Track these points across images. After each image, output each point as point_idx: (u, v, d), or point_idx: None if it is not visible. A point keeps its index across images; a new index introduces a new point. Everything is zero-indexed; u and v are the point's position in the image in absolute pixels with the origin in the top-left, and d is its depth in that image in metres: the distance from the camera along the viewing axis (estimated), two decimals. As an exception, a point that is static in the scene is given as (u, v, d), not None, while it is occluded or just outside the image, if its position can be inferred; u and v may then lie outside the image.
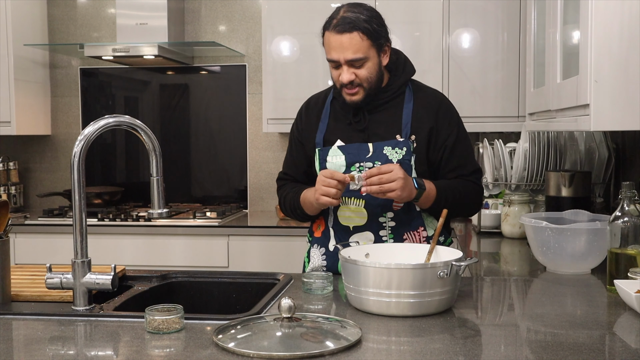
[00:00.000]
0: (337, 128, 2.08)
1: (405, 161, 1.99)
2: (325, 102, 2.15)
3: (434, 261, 1.71)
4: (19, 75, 3.76)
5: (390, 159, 1.98)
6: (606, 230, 1.82)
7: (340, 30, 1.94)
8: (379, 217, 2.01)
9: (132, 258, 3.35)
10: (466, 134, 2.11)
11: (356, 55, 1.94)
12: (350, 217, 2.03)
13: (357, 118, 2.05)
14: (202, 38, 3.97)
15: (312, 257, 2.15)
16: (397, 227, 2.01)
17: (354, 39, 1.94)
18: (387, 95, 2.05)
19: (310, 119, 2.15)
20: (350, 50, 1.94)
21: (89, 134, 1.61)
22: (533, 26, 2.52)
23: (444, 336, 1.42)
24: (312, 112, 2.16)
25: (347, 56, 1.95)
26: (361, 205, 2.01)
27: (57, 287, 1.62)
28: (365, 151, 2.01)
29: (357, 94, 2.00)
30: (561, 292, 1.85)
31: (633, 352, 1.33)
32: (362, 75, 1.97)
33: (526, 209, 2.74)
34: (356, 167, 2.01)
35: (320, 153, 2.06)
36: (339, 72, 1.99)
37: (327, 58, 2.01)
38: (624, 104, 1.63)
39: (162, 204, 1.71)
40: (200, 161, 4.06)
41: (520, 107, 3.36)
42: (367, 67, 1.97)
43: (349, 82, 1.97)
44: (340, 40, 1.94)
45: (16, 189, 3.96)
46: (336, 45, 1.96)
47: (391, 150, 2.00)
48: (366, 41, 1.95)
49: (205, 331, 1.44)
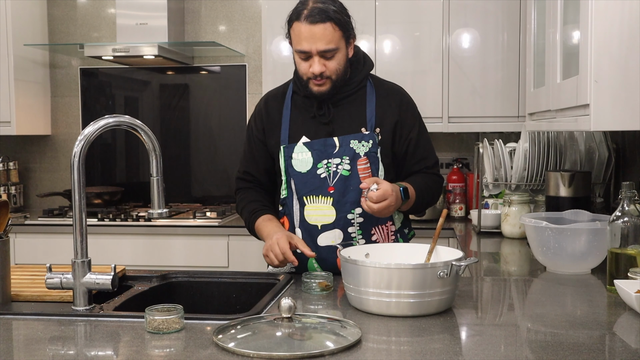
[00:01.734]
0: (301, 123, 2.08)
1: (372, 153, 2.01)
2: (285, 97, 2.14)
3: (434, 261, 1.71)
4: (19, 75, 3.76)
5: (357, 152, 2.00)
6: (606, 230, 1.82)
7: (312, 20, 1.94)
8: (348, 214, 2.01)
9: (132, 258, 3.35)
10: (425, 127, 2.17)
11: (329, 46, 1.95)
12: (319, 215, 2.02)
13: (321, 111, 2.06)
14: (202, 38, 3.98)
15: None
16: (365, 222, 2.02)
17: (327, 29, 1.94)
18: (349, 89, 2.07)
19: (271, 116, 2.13)
20: (323, 40, 1.94)
21: (89, 134, 1.61)
22: (533, 26, 2.52)
23: (444, 336, 1.42)
24: (272, 108, 2.14)
25: (320, 47, 1.95)
26: (329, 203, 2.01)
27: (57, 287, 1.62)
28: (331, 147, 2.01)
29: (325, 85, 2.01)
30: (561, 292, 1.85)
31: (633, 352, 1.33)
32: (332, 67, 1.98)
33: (526, 209, 2.74)
34: (323, 164, 2.01)
35: (285, 150, 2.05)
36: (308, 64, 1.99)
37: (297, 49, 2.00)
38: (624, 104, 1.63)
39: (162, 204, 1.71)
40: (200, 161, 4.05)
41: (520, 107, 3.36)
42: (337, 59, 1.98)
43: (319, 73, 1.97)
44: (313, 30, 1.94)
45: (16, 189, 3.96)
46: (308, 36, 1.95)
47: (357, 143, 2.01)
48: (338, 32, 1.96)
49: (205, 331, 1.44)
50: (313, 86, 2.02)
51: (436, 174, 2.15)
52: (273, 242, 1.91)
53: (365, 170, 2.01)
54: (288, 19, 2.02)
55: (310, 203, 2.02)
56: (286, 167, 2.05)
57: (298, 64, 2.04)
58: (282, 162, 2.06)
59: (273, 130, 2.11)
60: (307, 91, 2.05)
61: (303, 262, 2.04)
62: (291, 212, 2.07)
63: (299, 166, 2.03)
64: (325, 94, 2.02)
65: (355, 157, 2.01)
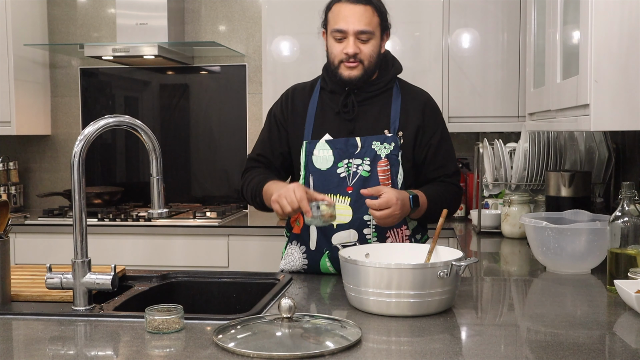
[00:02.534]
0: (325, 120, 2.08)
1: (393, 156, 2.01)
2: (313, 92, 2.14)
3: (434, 261, 1.71)
4: (19, 75, 3.76)
5: (379, 154, 2.00)
6: (606, 230, 1.82)
7: (355, 0, 1.97)
8: (364, 215, 2.00)
9: (132, 258, 3.35)
10: (449, 135, 2.15)
11: (367, 27, 1.97)
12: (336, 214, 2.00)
13: (346, 108, 2.06)
14: (202, 38, 3.97)
15: (291, 255, 2.11)
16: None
17: (367, 11, 1.97)
18: (376, 89, 2.07)
19: (296, 106, 2.13)
20: (362, 21, 1.96)
21: (89, 134, 1.61)
22: (533, 26, 2.52)
23: (444, 336, 1.42)
24: (299, 100, 2.14)
25: (357, 27, 1.97)
26: (347, 202, 2.01)
27: (57, 287, 1.62)
28: (353, 147, 2.01)
29: (356, 69, 2.00)
30: (561, 292, 1.85)
31: (633, 352, 1.33)
32: (366, 51, 1.99)
33: (526, 209, 2.74)
34: (344, 164, 2.01)
35: (308, 146, 2.05)
36: (343, 45, 2.00)
37: (334, 29, 2.00)
38: (624, 104, 1.63)
39: (162, 204, 1.71)
40: (200, 161, 4.05)
41: (520, 107, 3.36)
42: (372, 44, 2.00)
43: (353, 54, 1.98)
44: (354, 10, 1.96)
45: (16, 189, 3.96)
46: (348, 15, 1.97)
47: (380, 145, 2.01)
48: (376, 18, 1.99)
49: (205, 331, 1.44)
50: (344, 70, 2.01)
51: (455, 184, 2.12)
52: (288, 189, 1.85)
53: (384, 172, 2.01)
54: (327, 4, 2.05)
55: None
56: (306, 162, 2.05)
57: (331, 47, 2.04)
58: (302, 158, 2.06)
59: (296, 121, 2.11)
60: (337, 77, 2.04)
61: (316, 261, 2.05)
62: None
63: (319, 163, 2.03)
64: (355, 80, 2.02)
65: (376, 159, 2.00)
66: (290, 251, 2.12)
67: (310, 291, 1.88)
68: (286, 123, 2.14)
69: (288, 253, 2.12)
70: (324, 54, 3.71)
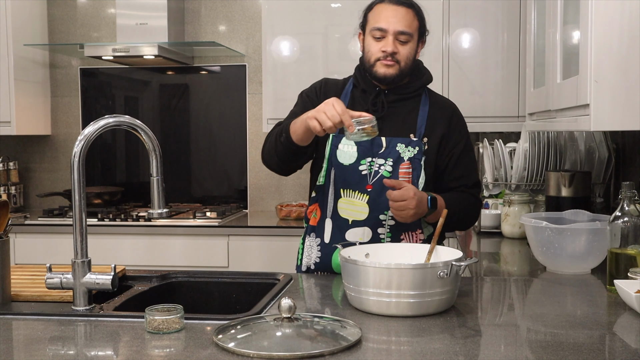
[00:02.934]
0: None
1: (416, 160, 2.02)
2: (345, 88, 2.15)
3: (434, 261, 1.71)
4: (19, 75, 3.76)
5: (402, 156, 2.01)
6: (606, 230, 1.82)
7: (398, 2, 2.00)
8: (380, 214, 2.01)
9: (132, 258, 3.35)
10: (472, 147, 2.18)
11: (407, 29, 2.00)
12: (351, 210, 2.03)
13: (375, 106, 2.06)
14: (202, 38, 3.97)
15: (308, 248, 2.11)
16: (396, 226, 2.02)
17: (409, 14, 2.01)
18: (406, 92, 2.09)
19: (327, 95, 2.10)
20: (403, 22, 1.99)
21: (89, 134, 1.61)
22: (533, 26, 2.52)
23: (444, 336, 1.42)
24: (332, 91, 2.13)
25: (398, 27, 1.99)
26: (365, 200, 2.01)
27: (57, 287, 1.62)
28: (378, 146, 2.02)
29: (393, 68, 2.01)
30: (561, 292, 1.85)
31: (633, 352, 1.33)
32: (403, 53, 2.01)
33: (526, 209, 2.74)
34: (367, 162, 2.01)
35: (334, 139, 2.06)
36: (382, 44, 2.00)
37: (374, 27, 2.01)
38: (624, 104, 1.63)
39: (162, 204, 1.71)
40: (200, 161, 4.06)
41: (520, 107, 3.35)
42: (409, 47, 2.02)
43: (391, 53, 1.99)
44: (397, 11, 1.99)
45: (16, 189, 3.96)
46: (390, 15, 1.99)
47: (404, 147, 2.02)
48: (416, 22, 2.03)
49: (205, 331, 1.44)
50: (380, 67, 2.02)
51: (474, 196, 2.12)
52: (327, 103, 1.80)
53: (406, 175, 2.01)
54: (368, 5, 2.06)
55: (345, 196, 2.03)
56: (330, 156, 2.05)
57: (369, 45, 2.04)
58: (327, 150, 2.06)
59: None
60: (372, 74, 2.04)
61: (328, 255, 2.06)
62: (324, 201, 2.07)
63: (342, 158, 2.04)
64: (390, 79, 2.02)
65: (399, 161, 2.01)
66: (309, 243, 2.12)
67: (310, 291, 1.88)
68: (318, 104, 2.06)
69: (307, 246, 2.12)
70: (323, 54, 3.72)
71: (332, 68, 3.54)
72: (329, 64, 3.54)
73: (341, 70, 3.49)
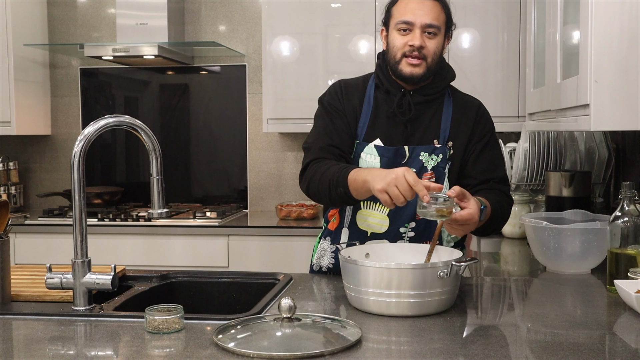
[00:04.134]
0: (379, 122, 1.98)
1: (439, 168, 1.94)
2: (367, 88, 2.02)
3: (434, 261, 1.71)
4: (19, 75, 3.76)
5: (425, 165, 1.93)
6: (606, 230, 1.82)
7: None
8: (401, 227, 1.95)
9: (132, 258, 3.35)
10: (497, 143, 2.06)
11: (434, 21, 1.90)
12: (371, 222, 1.95)
13: (401, 108, 1.96)
14: (202, 38, 3.97)
15: (321, 250, 2.07)
16: (415, 237, 1.95)
17: (436, 7, 1.92)
18: (431, 92, 1.98)
19: (352, 102, 2.00)
20: (430, 15, 1.90)
21: (89, 134, 1.61)
22: (533, 26, 2.52)
23: (444, 336, 1.42)
24: (353, 96, 2.01)
25: (425, 20, 1.90)
26: (385, 212, 1.94)
27: (57, 287, 1.62)
28: (401, 157, 1.93)
29: (419, 67, 1.91)
30: (561, 292, 1.85)
31: (633, 352, 1.33)
32: (430, 47, 1.91)
33: (526, 209, 2.74)
34: None
35: (358, 147, 1.97)
36: (408, 37, 1.91)
37: (400, 20, 1.91)
38: (624, 104, 1.63)
39: (162, 204, 1.71)
40: (200, 161, 4.06)
41: (520, 107, 3.36)
42: (437, 41, 1.93)
43: (419, 47, 1.89)
44: (423, 3, 1.91)
45: (16, 189, 3.96)
46: (416, 8, 1.90)
47: (427, 156, 1.94)
48: (443, 15, 1.94)
49: (205, 331, 1.44)
50: (406, 66, 1.92)
51: (505, 193, 1.98)
52: (398, 175, 1.61)
53: None
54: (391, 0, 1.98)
55: (365, 208, 1.96)
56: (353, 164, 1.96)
57: (394, 40, 1.94)
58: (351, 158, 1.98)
59: (351, 115, 1.98)
60: (397, 73, 1.94)
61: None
62: (343, 210, 2.00)
63: (364, 166, 1.93)
64: (417, 78, 1.92)
65: (422, 170, 1.92)
66: (323, 246, 2.06)
67: (310, 291, 1.88)
68: (344, 112, 1.99)
69: (321, 248, 2.07)
70: (323, 54, 3.72)
71: (332, 68, 3.54)
72: (329, 64, 3.54)
73: (341, 70, 3.51)
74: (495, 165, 2.00)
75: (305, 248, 3.14)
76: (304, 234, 3.28)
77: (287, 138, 3.97)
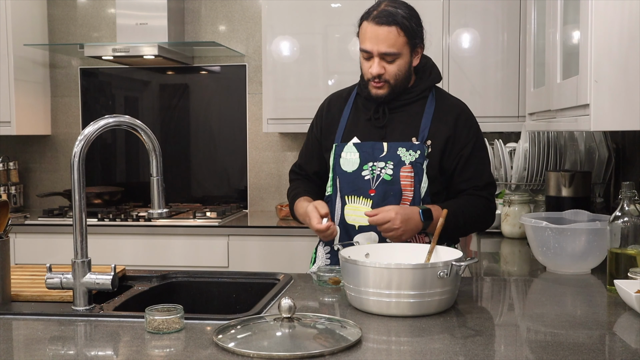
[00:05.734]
0: (356, 124, 2.09)
1: (417, 164, 1.99)
2: (349, 98, 2.16)
3: (434, 261, 1.71)
4: (19, 75, 3.76)
5: (403, 160, 1.99)
6: (606, 230, 1.82)
7: (379, 22, 1.94)
8: None
9: (132, 258, 3.35)
10: (484, 146, 2.12)
11: (390, 49, 1.95)
12: (357, 216, 2.02)
13: (377, 115, 2.06)
14: (202, 38, 3.97)
15: (318, 255, 2.17)
16: None
17: (392, 33, 1.94)
18: (410, 97, 2.06)
19: (332, 114, 2.16)
20: (385, 43, 1.94)
21: (89, 134, 1.61)
22: (533, 26, 2.52)
23: (444, 336, 1.42)
24: (335, 107, 2.16)
25: (381, 49, 1.95)
26: (369, 205, 2.01)
27: (57, 287, 1.62)
28: (379, 150, 2.02)
29: (382, 88, 2.01)
30: (561, 292, 1.85)
31: (633, 352, 1.33)
32: (391, 71, 1.98)
33: (526, 209, 2.74)
34: (369, 167, 2.01)
35: (337, 148, 2.07)
36: (370, 64, 1.99)
37: (360, 48, 2.00)
38: (624, 104, 1.63)
39: (162, 204, 1.71)
40: (200, 161, 4.06)
41: (520, 107, 3.36)
42: (398, 64, 1.98)
43: (377, 75, 1.97)
44: (378, 32, 1.94)
45: (16, 189, 3.96)
46: (372, 36, 1.95)
47: (405, 151, 2.00)
48: (402, 37, 1.96)
49: (205, 331, 1.44)
50: (372, 88, 2.02)
51: (484, 197, 2.06)
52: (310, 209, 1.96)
53: (407, 178, 1.99)
54: (359, 19, 2.03)
55: (350, 203, 2.04)
56: (334, 165, 2.07)
57: (362, 64, 2.04)
58: (331, 160, 2.08)
59: (330, 129, 2.14)
60: (365, 92, 2.06)
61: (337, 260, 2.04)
62: (333, 210, 2.09)
63: (345, 165, 2.04)
64: (382, 98, 2.02)
65: (399, 164, 1.99)
66: (318, 251, 2.18)
67: (310, 291, 1.88)
68: (321, 135, 2.17)
69: (319, 256, 2.16)
70: (323, 54, 3.72)
71: (332, 68, 3.54)
72: (329, 64, 3.54)
73: (341, 70, 3.51)
74: (479, 172, 2.07)
75: (305, 248, 3.14)
76: (304, 234, 3.28)
77: (287, 138, 3.97)
